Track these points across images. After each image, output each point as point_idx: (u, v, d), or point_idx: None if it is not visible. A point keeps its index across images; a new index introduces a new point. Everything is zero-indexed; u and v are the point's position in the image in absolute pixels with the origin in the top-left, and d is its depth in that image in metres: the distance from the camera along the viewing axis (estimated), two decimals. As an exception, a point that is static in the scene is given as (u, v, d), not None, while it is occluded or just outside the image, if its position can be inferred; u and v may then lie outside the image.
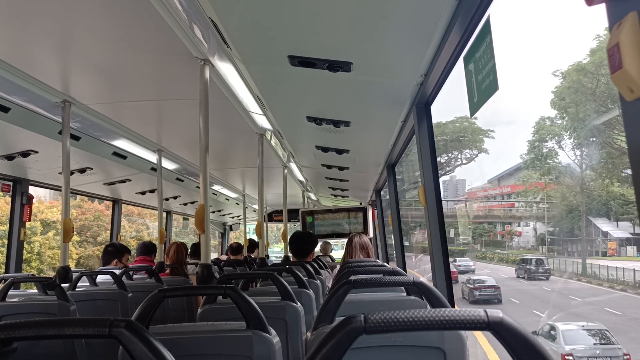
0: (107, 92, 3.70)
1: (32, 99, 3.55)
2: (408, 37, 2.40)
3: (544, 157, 34.58)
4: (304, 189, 9.51)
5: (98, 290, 4.09)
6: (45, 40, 2.70)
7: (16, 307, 3.19)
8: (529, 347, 0.90)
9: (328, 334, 0.95)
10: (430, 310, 0.91)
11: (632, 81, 0.97)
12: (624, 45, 0.98)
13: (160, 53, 2.87)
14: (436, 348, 1.80)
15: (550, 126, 33.75)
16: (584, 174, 33.57)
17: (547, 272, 30.05)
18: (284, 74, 3.11)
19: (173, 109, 4.11)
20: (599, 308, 22.29)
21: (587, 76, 27.40)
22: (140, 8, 2.24)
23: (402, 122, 3.96)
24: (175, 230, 15.74)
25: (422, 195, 3.38)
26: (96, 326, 1.12)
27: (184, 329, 2.04)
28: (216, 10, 2.32)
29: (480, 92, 2.15)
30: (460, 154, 41.17)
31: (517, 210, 44.47)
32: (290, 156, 6.31)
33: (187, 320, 4.39)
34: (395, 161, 5.86)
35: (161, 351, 1.16)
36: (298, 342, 2.72)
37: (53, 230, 23.97)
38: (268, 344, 1.93)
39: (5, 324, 1.10)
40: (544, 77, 71.96)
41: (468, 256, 38.96)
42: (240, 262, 7.52)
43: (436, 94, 3.15)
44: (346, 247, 4.68)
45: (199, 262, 3.05)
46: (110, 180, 6.23)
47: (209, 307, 2.64)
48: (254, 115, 4.22)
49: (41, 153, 4.42)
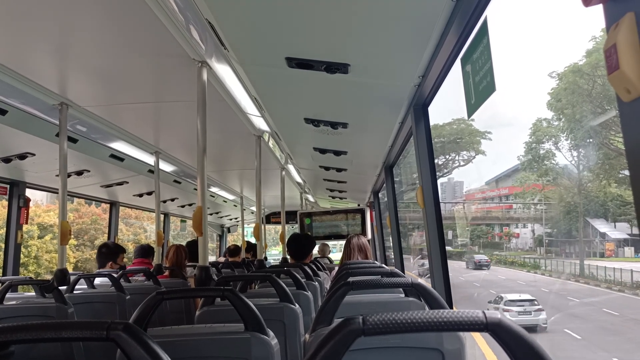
0: (105, 95, 3.70)
1: (30, 102, 3.54)
2: (405, 39, 2.40)
3: (541, 159, 34.71)
4: (301, 190, 9.51)
5: (96, 293, 4.08)
6: (42, 43, 2.70)
7: (13, 310, 3.18)
8: (527, 348, 0.90)
9: (326, 336, 0.95)
10: (428, 311, 0.91)
11: (629, 82, 0.98)
12: (621, 46, 0.98)
13: (157, 55, 2.86)
14: (435, 349, 1.80)
15: (547, 128, 33.85)
16: (581, 175, 33.68)
17: (488, 265, 37.96)
18: (282, 76, 3.11)
19: (170, 111, 4.11)
20: (597, 309, 22.35)
21: (584, 77, 27.48)
22: (137, 10, 2.24)
23: (399, 123, 3.96)
24: (173, 234, 15.67)
25: (420, 196, 3.38)
26: (94, 329, 1.12)
27: (182, 331, 2.04)
28: (213, 12, 2.32)
29: (478, 94, 2.15)
30: (457, 155, 41.28)
31: (515, 212, 44.55)
32: (288, 158, 6.31)
33: (185, 322, 4.38)
34: (393, 163, 5.86)
35: (159, 354, 1.16)
36: (296, 344, 2.72)
37: (50, 234, 23.87)
38: (266, 346, 1.93)
39: (3, 327, 1.09)
40: (541, 78, 72.13)
41: (466, 258, 39.53)
42: (238, 264, 7.51)
43: (433, 96, 3.15)
44: (344, 249, 4.68)
45: (197, 265, 3.05)
46: (108, 183, 6.22)
47: (207, 309, 2.64)
48: (252, 117, 4.22)
49: (38, 155, 4.41)
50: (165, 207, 8.83)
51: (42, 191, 5.91)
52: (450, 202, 51.61)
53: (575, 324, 20.02)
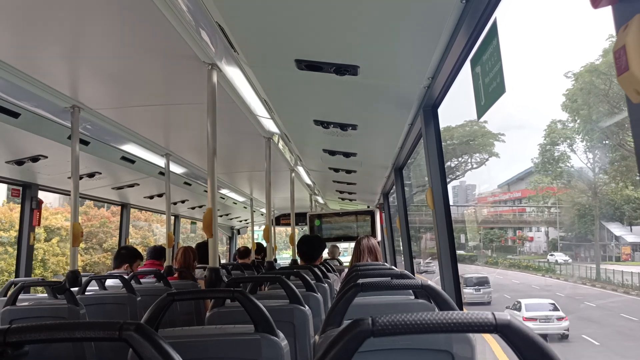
0: (116, 97, 3.72)
1: (42, 105, 3.58)
2: (415, 40, 2.40)
3: (555, 161, 34.29)
4: (311, 192, 9.51)
5: (107, 294, 4.11)
6: (54, 46, 2.73)
7: (27, 311, 3.21)
8: (537, 350, 0.90)
9: (336, 337, 0.96)
10: (437, 312, 0.91)
11: (638, 83, 0.97)
12: (630, 48, 0.98)
13: (167, 58, 2.88)
14: (444, 351, 1.79)
15: (562, 129, 33.48)
16: (596, 178, 33.17)
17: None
18: (291, 78, 3.12)
19: (181, 114, 4.13)
20: (615, 314, 22.06)
21: (600, 77, 27.01)
22: (147, 13, 2.26)
23: (409, 125, 3.95)
24: (183, 236, 15.68)
25: (430, 198, 3.38)
26: (106, 329, 1.13)
27: (192, 332, 2.04)
28: (223, 14, 2.33)
29: (487, 95, 2.14)
30: (470, 158, 41.06)
31: (529, 215, 44.17)
32: (298, 160, 6.32)
33: (195, 323, 4.40)
34: (403, 164, 5.85)
35: (170, 354, 1.17)
36: (306, 345, 2.72)
37: (57, 237, 23.45)
38: (276, 348, 1.94)
39: (17, 327, 1.11)
40: (555, 79, 71.49)
41: (479, 262, 39.13)
42: (248, 265, 7.53)
43: (443, 97, 3.15)
44: (354, 250, 4.68)
45: (207, 266, 3.06)
46: (119, 185, 6.26)
47: (218, 311, 2.65)
48: (261, 119, 4.23)
49: (50, 158, 4.45)
50: (176, 209, 8.87)
51: (55, 193, 5.96)
52: (462, 205, 51.37)
53: (593, 329, 19.68)
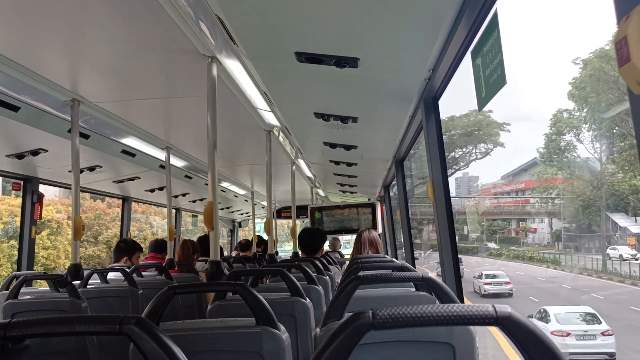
0: (116, 91, 3.72)
1: (42, 98, 3.57)
2: (415, 32, 2.39)
3: (561, 151, 33.91)
4: (312, 185, 9.51)
5: (109, 288, 4.11)
6: (54, 40, 2.72)
7: (28, 305, 3.22)
8: (537, 342, 0.90)
9: (336, 330, 0.96)
10: (438, 305, 0.91)
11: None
12: (632, 39, 0.97)
13: (167, 51, 2.88)
14: (445, 343, 1.80)
15: (568, 119, 33.08)
16: (603, 168, 32.76)
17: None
18: (291, 71, 3.11)
19: (181, 107, 4.12)
20: (625, 307, 21.92)
21: (610, 63, 26.26)
22: (147, 6, 2.25)
23: (409, 117, 3.95)
24: (183, 229, 15.65)
25: (431, 190, 3.37)
26: (107, 323, 1.13)
27: (194, 325, 2.05)
28: (222, 7, 2.32)
29: (488, 87, 2.14)
30: (475, 148, 40.87)
31: (533, 206, 43.99)
32: (299, 152, 6.31)
33: (197, 316, 4.41)
34: (404, 157, 5.85)
35: (171, 347, 1.17)
36: (307, 338, 2.72)
37: (47, 230, 22.03)
38: (277, 340, 1.94)
39: (18, 321, 1.11)
40: (561, 69, 70.85)
41: (480, 254, 39.08)
42: (250, 258, 7.54)
43: (444, 89, 3.14)
44: (355, 242, 4.68)
45: (209, 259, 3.06)
46: (120, 178, 6.26)
47: (219, 304, 2.65)
48: (262, 112, 4.22)
49: (51, 151, 4.45)
50: (177, 202, 8.87)
51: (55, 187, 5.96)
52: (465, 196, 51.26)
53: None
